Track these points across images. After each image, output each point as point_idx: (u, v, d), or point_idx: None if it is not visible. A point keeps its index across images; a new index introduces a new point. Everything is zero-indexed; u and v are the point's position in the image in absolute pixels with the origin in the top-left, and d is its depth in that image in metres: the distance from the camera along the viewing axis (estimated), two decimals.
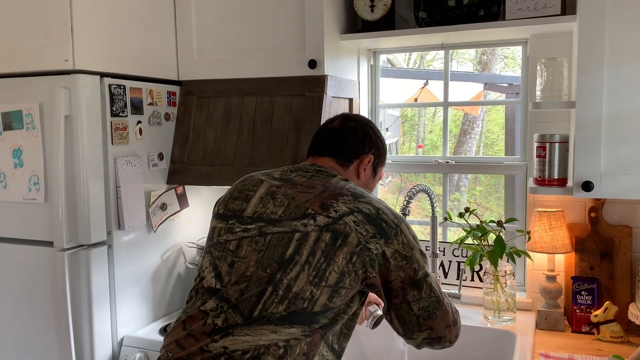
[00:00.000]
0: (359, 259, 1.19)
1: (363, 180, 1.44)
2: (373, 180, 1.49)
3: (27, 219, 1.82)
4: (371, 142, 1.44)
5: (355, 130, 1.43)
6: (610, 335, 1.78)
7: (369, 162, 1.43)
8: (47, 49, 1.72)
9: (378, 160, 1.47)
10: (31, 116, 1.77)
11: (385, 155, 1.50)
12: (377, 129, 1.50)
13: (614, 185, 1.61)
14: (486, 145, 7.90)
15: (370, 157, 1.43)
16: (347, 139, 1.41)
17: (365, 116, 1.59)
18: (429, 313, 1.25)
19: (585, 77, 1.61)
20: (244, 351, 1.14)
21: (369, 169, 1.44)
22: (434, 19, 1.98)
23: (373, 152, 1.44)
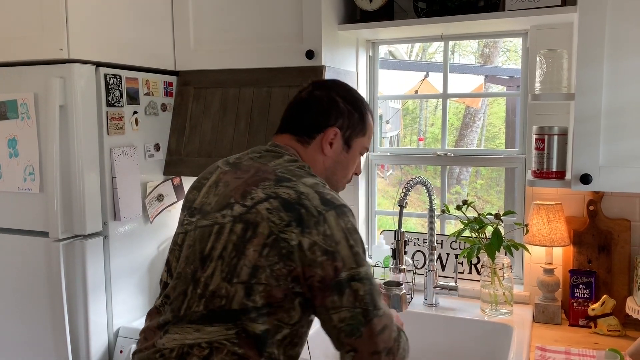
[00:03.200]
0: (273, 251, 1.05)
1: (332, 157, 1.27)
2: (347, 155, 1.29)
3: (22, 209, 1.81)
4: (338, 111, 1.26)
5: (320, 100, 1.26)
6: (607, 328, 1.77)
7: (335, 136, 1.25)
8: (41, 38, 1.71)
9: (349, 132, 1.27)
10: (26, 106, 1.76)
11: (363, 125, 1.30)
12: (352, 95, 1.30)
13: (613, 179, 1.59)
14: (487, 138, 7.87)
15: (336, 130, 1.25)
16: (309, 111, 1.26)
17: (342, 81, 1.35)
18: (352, 328, 1.03)
19: (585, 69, 1.59)
20: (172, 349, 1.10)
21: (337, 143, 1.26)
22: (433, 9, 1.96)
23: (341, 123, 1.26)
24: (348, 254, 1.05)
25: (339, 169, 1.29)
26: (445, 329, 1.97)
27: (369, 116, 1.33)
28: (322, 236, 1.05)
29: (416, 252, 2.25)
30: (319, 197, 1.09)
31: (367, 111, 1.32)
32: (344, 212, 1.10)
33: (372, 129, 1.34)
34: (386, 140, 6.28)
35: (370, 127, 1.33)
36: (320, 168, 1.26)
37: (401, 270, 2.06)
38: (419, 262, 2.24)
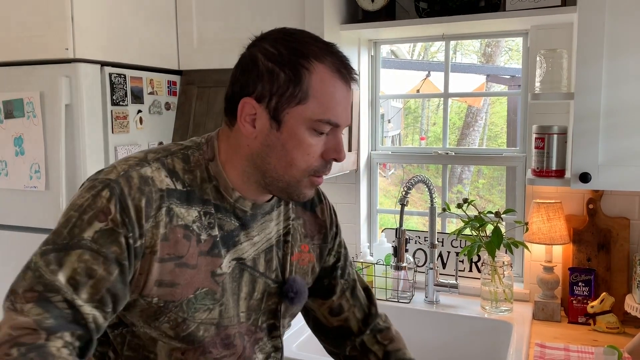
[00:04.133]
0: None
1: (259, 139, 0.91)
2: (280, 134, 0.90)
3: (28, 207, 1.84)
4: (257, 73, 0.89)
5: (241, 63, 0.93)
6: (606, 326, 1.79)
7: (252, 109, 0.90)
8: (47, 38, 1.73)
9: (275, 101, 0.89)
10: (32, 104, 1.78)
11: (299, 86, 0.88)
12: (283, 45, 0.90)
13: (612, 177, 1.61)
14: (489, 137, 7.88)
15: (249, 102, 0.90)
16: (230, 80, 0.95)
17: (287, 28, 0.94)
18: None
19: (584, 68, 1.61)
20: None
21: (260, 119, 0.90)
22: (434, 9, 1.98)
23: (260, 91, 0.89)
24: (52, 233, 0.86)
25: (273, 154, 0.91)
26: (445, 326, 1.99)
27: (313, 69, 0.88)
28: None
29: (417, 250, 2.26)
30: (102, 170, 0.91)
31: (310, 62, 0.88)
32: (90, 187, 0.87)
33: (330, 88, 0.89)
34: (388, 140, 6.30)
35: (325, 87, 0.89)
36: (244, 154, 0.94)
37: (402, 268, 2.08)
38: (420, 260, 2.26)
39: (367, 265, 2.16)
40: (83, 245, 0.82)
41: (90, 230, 0.83)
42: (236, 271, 0.97)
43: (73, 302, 0.80)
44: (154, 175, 0.89)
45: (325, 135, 0.92)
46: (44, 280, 0.80)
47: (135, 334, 0.93)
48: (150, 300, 0.89)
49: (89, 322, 0.81)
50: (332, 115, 0.90)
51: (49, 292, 0.80)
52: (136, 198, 0.86)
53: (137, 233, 0.86)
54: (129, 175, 0.87)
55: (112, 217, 0.83)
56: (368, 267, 2.15)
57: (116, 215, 0.84)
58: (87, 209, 0.84)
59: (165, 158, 0.93)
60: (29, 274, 0.82)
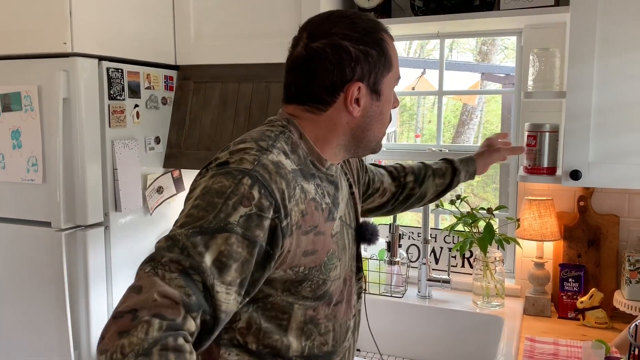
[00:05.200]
0: None
1: (362, 114, 1.03)
2: (380, 102, 1.04)
3: (25, 200, 1.85)
4: (352, 60, 0.99)
5: (323, 54, 0.99)
6: (595, 321, 1.82)
7: (359, 91, 1.01)
8: (46, 32, 1.74)
9: (374, 77, 1.01)
10: (30, 98, 1.80)
11: (385, 57, 1.02)
12: (359, 27, 1.00)
13: (602, 175, 1.64)
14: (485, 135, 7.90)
15: (358, 85, 1.00)
16: (314, 73, 1.00)
17: (340, 11, 1.05)
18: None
19: (576, 67, 1.63)
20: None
21: (364, 97, 1.02)
22: (429, 7, 2.00)
23: (360, 72, 1.00)
24: (185, 211, 0.89)
25: (374, 121, 1.05)
26: (438, 321, 2.02)
27: (387, 40, 1.04)
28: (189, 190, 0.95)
29: (410, 246, 2.29)
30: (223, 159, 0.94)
31: (383, 36, 1.03)
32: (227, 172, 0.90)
33: (395, 51, 1.06)
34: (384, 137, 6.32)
35: (394, 52, 1.06)
36: (343, 131, 1.04)
37: (395, 263, 2.11)
38: (413, 255, 2.28)
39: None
40: (229, 229, 0.85)
41: (236, 215, 0.86)
42: (341, 229, 1.08)
43: (213, 288, 0.82)
44: (280, 160, 0.95)
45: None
46: (190, 260, 0.82)
47: (269, 306, 1.00)
48: (298, 270, 0.97)
49: (220, 311, 0.84)
50: (400, 73, 1.09)
51: (193, 270, 0.81)
52: (278, 182, 0.91)
53: (283, 213, 0.91)
54: (264, 163, 0.92)
55: (256, 202, 0.87)
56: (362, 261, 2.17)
57: (260, 201, 0.88)
58: (231, 195, 0.87)
59: (276, 142, 0.98)
60: (175, 250, 0.83)
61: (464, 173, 1.54)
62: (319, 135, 1.04)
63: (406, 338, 2.08)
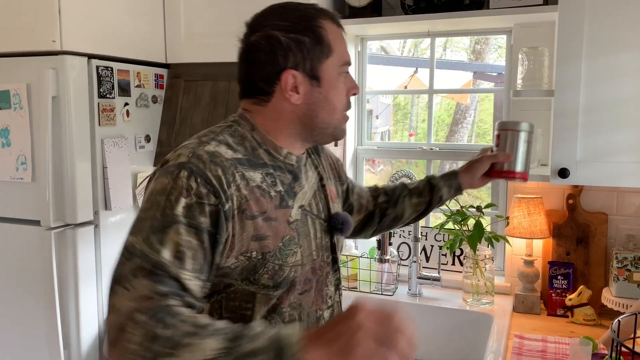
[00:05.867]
0: None
1: (304, 102, 1.05)
2: (322, 88, 1.06)
3: (14, 198, 1.85)
4: (283, 49, 1.02)
5: (258, 46, 1.04)
6: (583, 318, 1.83)
7: (294, 79, 1.03)
8: (34, 30, 1.74)
9: (309, 63, 1.04)
10: (19, 96, 1.79)
11: (321, 43, 1.04)
12: (291, 16, 1.04)
13: (589, 173, 1.65)
14: (478, 134, 7.93)
15: (292, 73, 1.03)
16: (253, 65, 1.06)
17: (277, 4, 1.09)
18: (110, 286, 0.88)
19: (564, 66, 1.64)
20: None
21: (302, 85, 1.04)
22: (420, 6, 2.01)
23: (293, 61, 1.03)
24: (136, 218, 0.93)
25: (320, 108, 1.07)
26: (428, 318, 2.03)
27: (324, 26, 1.05)
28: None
29: (401, 244, 2.30)
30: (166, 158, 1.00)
31: (320, 23, 1.05)
32: (165, 171, 0.95)
33: (338, 36, 1.08)
34: (377, 136, 6.33)
35: (335, 37, 1.07)
36: (291, 120, 1.07)
37: (386, 261, 2.11)
38: (404, 253, 2.29)
39: (352, 258, 2.19)
40: (177, 220, 0.89)
41: (179, 207, 0.90)
42: (302, 217, 1.09)
43: (179, 277, 0.87)
44: (217, 150, 0.99)
45: (345, 76, 1.10)
46: (150, 261, 0.86)
47: (232, 296, 1.02)
48: (250, 255, 0.99)
49: (194, 294, 0.90)
50: (347, 57, 1.10)
51: (157, 269, 0.86)
52: (213, 169, 0.95)
53: (224, 198, 0.94)
54: (198, 154, 0.96)
55: (195, 191, 0.92)
56: (352, 260, 2.18)
57: (199, 189, 0.92)
58: (171, 191, 0.92)
59: (217, 136, 1.02)
60: (135, 260, 0.87)
61: (447, 189, 1.41)
62: (269, 126, 1.07)
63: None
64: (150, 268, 0.86)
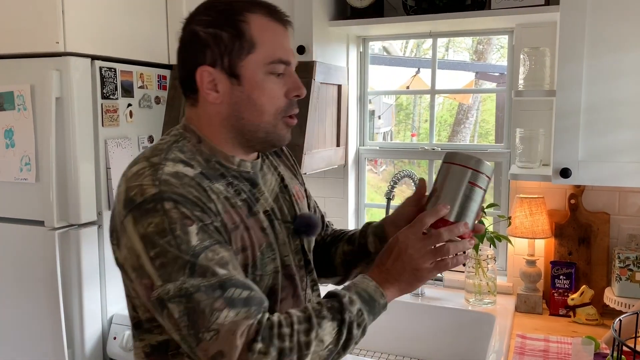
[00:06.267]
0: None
1: (226, 102, 0.98)
2: (244, 87, 0.97)
3: (18, 199, 1.86)
4: (201, 45, 0.96)
5: (183, 42, 1.01)
6: (585, 318, 1.83)
7: (210, 76, 0.97)
8: (38, 31, 1.75)
9: (227, 60, 0.96)
10: (22, 97, 1.80)
11: (241, 38, 0.95)
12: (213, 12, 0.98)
13: (591, 173, 1.65)
14: (481, 135, 7.93)
15: (206, 70, 0.96)
16: (178, 61, 1.02)
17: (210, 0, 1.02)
18: (188, 349, 0.87)
19: (566, 66, 1.64)
20: None
21: (221, 83, 0.97)
22: (421, 7, 2.01)
23: (210, 57, 0.96)
24: (151, 269, 0.86)
25: (243, 109, 0.98)
26: (430, 318, 2.03)
27: (248, 20, 0.96)
28: (126, 250, 0.89)
29: None
30: (124, 196, 0.91)
31: (245, 17, 0.97)
32: (146, 210, 0.87)
33: (268, 31, 0.97)
34: (379, 136, 6.33)
35: (262, 32, 0.96)
36: (220, 122, 1.00)
37: None
38: None
39: None
40: (199, 251, 0.86)
41: (192, 236, 0.86)
42: (270, 222, 1.05)
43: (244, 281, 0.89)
44: (178, 169, 0.93)
45: (283, 76, 1.00)
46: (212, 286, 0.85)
47: None
48: None
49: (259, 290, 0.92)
50: (281, 54, 0.98)
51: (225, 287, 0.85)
52: (188, 192, 0.90)
53: (212, 215, 0.91)
54: (164, 180, 0.89)
55: (192, 216, 0.88)
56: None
57: (194, 213, 0.88)
58: (172, 227, 0.86)
59: (168, 154, 0.95)
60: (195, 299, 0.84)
61: (372, 237, 1.19)
62: (208, 133, 1.02)
63: (399, 335, 2.09)
64: (219, 292, 0.84)
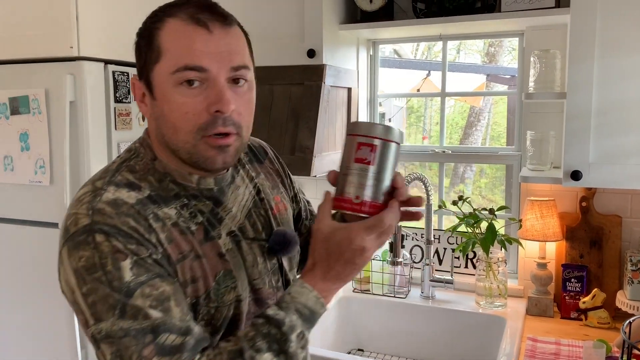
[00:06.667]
0: None
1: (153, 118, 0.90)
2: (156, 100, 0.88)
3: (33, 201, 1.88)
4: (137, 51, 0.91)
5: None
6: (597, 321, 1.82)
7: (139, 89, 0.91)
8: (53, 36, 1.78)
9: (145, 68, 0.89)
10: (37, 101, 1.83)
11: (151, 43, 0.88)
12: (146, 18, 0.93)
13: (602, 175, 1.64)
14: (492, 137, 7.90)
15: (134, 81, 0.92)
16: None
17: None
18: None
19: (576, 68, 1.64)
20: None
21: (147, 97, 0.90)
22: (431, 10, 2.02)
23: (138, 67, 0.91)
24: (84, 306, 0.80)
25: (163, 126, 0.89)
26: (440, 321, 2.03)
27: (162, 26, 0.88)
28: (64, 283, 0.84)
29: (414, 247, 2.30)
30: (63, 223, 0.85)
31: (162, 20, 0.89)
32: (78, 243, 0.81)
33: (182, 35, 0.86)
34: None
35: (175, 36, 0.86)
36: (156, 137, 0.93)
37: (398, 264, 2.12)
38: (417, 256, 2.30)
39: None
40: (133, 287, 0.79)
41: (126, 272, 0.79)
42: (233, 245, 0.96)
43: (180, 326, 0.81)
44: (118, 196, 0.85)
45: (203, 87, 0.86)
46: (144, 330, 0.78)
47: None
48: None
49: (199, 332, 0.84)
50: (189, 60, 0.84)
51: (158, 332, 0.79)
52: (123, 223, 0.82)
53: (151, 247, 0.83)
54: (98, 209, 0.83)
55: (125, 249, 0.80)
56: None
57: (127, 247, 0.81)
58: (103, 262, 0.79)
59: (114, 177, 0.89)
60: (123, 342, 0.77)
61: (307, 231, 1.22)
62: (158, 149, 0.93)
63: (409, 338, 2.09)
64: (150, 338, 0.78)
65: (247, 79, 0.91)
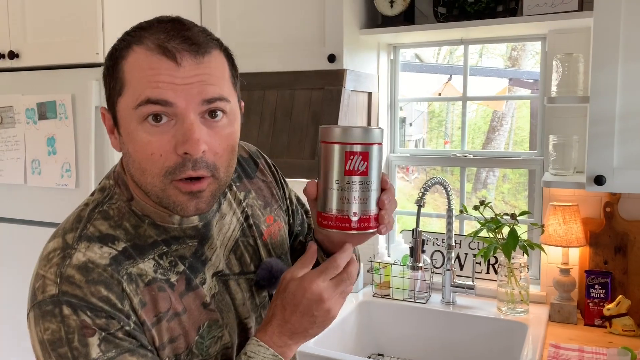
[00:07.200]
0: None
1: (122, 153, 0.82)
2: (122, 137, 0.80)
3: (59, 204, 1.93)
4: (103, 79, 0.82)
5: None
6: (622, 328, 1.79)
7: (108, 120, 0.83)
8: (79, 43, 1.82)
9: (111, 99, 0.80)
10: (64, 106, 1.87)
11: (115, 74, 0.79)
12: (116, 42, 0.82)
13: (626, 180, 1.62)
14: (516, 142, 7.81)
15: (103, 111, 0.84)
16: None
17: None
18: None
19: (600, 72, 1.62)
20: None
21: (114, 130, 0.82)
22: (452, 14, 2.02)
23: (106, 96, 0.82)
24: None
25: (129, 165, 0.80)
26: (461, 327, 2.02)
27: (126, 55, 0.78)
28: (32, 347, 0.78)
29: (435, 252, 2.29)
30: (32, 283, 0.79)
31: (130, 47, 0.79)
32: (44, 313, 0.75)
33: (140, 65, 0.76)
34: (411, 143, 6.30)
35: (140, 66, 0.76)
36: (127, 172, 0.84)
37: (419, 269, 2.11)
38: (437, 261, 2.28)
39: (385, 265, 2.19)
40: None
41: (92, 349, 0.74)
42: (220, 286, 0.89)
43: None
44: (89, 256, 0.78)
45: (171, 125, 0.76)
46: None
47: None
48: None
49: None
50: (150, 92, 0.74)
51: None
52: (94, 292, 0.75)
53: (124, 317, 0.77)
54: (67, 277, 0.76)
55: (94, 325, 0.74)
56: (385, 267, 2.19)
57: (96, 322, 0.75)
58: (69, 337, 0.74)
59: (85, 230, 0.81)
60: None
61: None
62: (133, 187, 0.84)
63: (430, 344, 2.08)
64: None
65: (226, 111, 0.79)
